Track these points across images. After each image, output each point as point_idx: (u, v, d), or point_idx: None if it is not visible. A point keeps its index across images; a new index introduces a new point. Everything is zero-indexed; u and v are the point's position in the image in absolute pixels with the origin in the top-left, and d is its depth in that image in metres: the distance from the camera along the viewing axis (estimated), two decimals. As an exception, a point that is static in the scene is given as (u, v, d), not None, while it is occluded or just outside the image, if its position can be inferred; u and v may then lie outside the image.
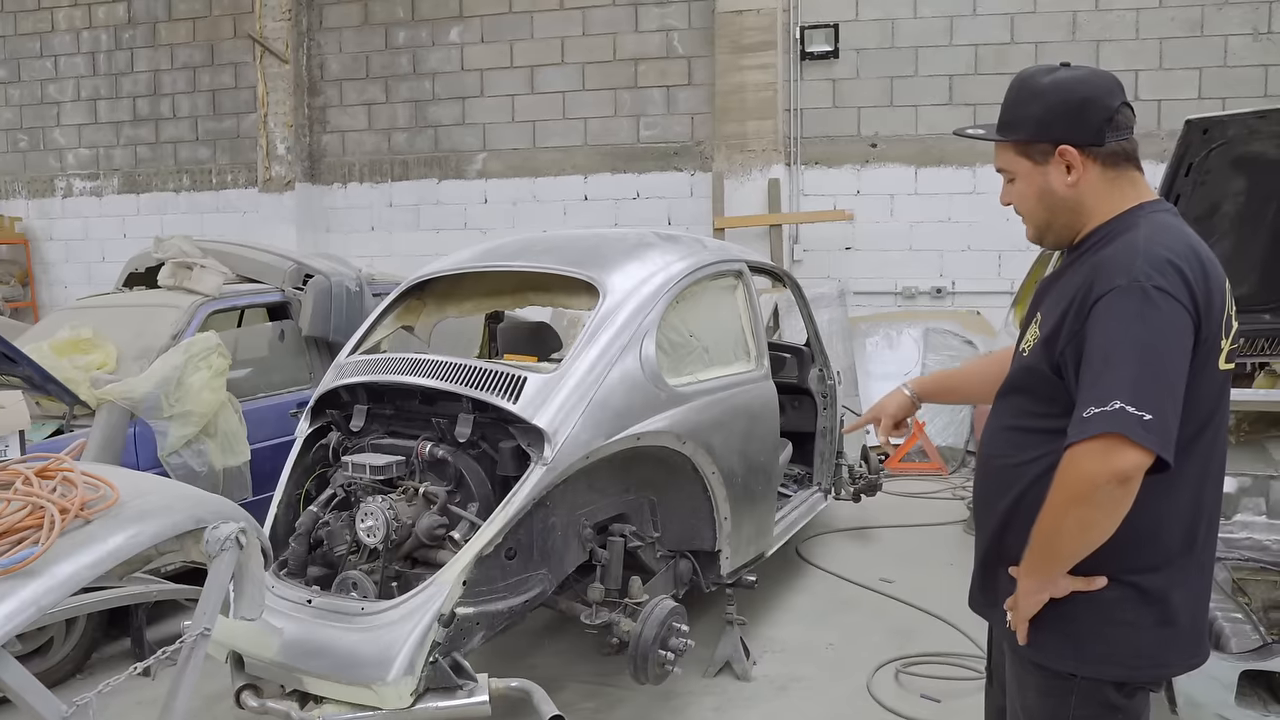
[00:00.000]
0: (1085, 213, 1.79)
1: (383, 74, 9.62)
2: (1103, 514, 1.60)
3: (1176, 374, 1.59)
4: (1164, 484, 1.64)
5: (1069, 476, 1.60)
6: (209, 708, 3.69)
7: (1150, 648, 1.74)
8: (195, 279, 5.18)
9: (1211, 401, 1.70)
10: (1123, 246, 1.68)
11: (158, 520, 2.14)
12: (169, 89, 10.35)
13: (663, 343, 3.57)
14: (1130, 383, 1.55)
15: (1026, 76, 1.83)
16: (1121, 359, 1.58)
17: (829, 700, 3.78)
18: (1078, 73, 1.78)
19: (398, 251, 9.37)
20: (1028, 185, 1.83)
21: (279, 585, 3.16)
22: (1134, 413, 1.53)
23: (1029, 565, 1.74)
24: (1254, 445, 3.49)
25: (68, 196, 10.77)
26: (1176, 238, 1.69)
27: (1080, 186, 1.77)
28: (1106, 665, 1.74)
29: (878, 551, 5.62)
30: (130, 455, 4.36)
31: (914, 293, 8.27)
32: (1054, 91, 1.77)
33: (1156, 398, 1.55)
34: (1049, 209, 1.82)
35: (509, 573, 3.08)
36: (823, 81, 8.42)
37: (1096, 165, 1.76)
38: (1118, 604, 1.72)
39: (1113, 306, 1.61)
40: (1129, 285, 1.60)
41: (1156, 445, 1.54)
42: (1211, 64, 7.82)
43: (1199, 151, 3.03)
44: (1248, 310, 3.50)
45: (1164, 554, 1.72)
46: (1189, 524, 1.73)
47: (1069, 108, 1.75)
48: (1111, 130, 1.74)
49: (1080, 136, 1.75)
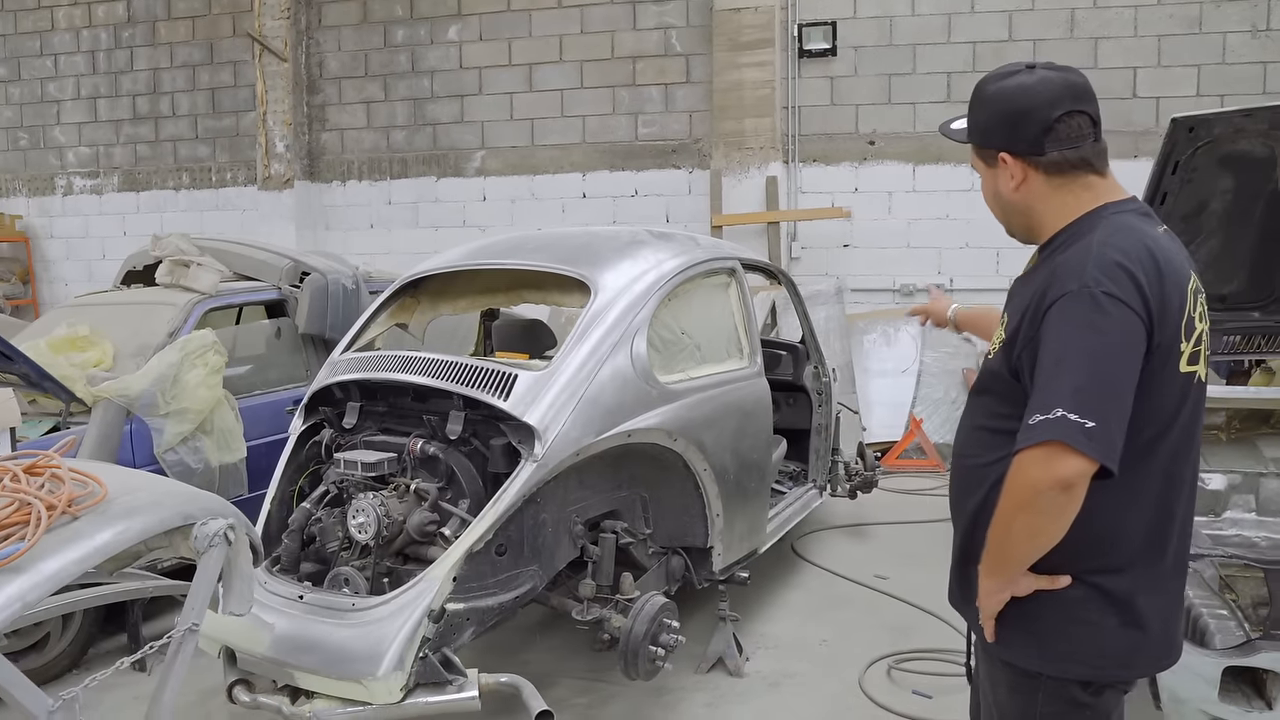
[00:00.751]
0: (1036, 216, 1.82)
1: (381, 72, 9.63)
2: (1048, 520, 1.62)
3: (1123, 381, 1.60)
4: (1123, 487, 1.65)
5: (1014, 484, 1.64)
6: (203, 702, 3.71)
7: (1115, 649, 1.74)
8: (192, 277, 5.20)
9: (1172, 405, 1.69)
10: (1077, 251, 1.69)
11: (145, 517, 2.16)
12: (169, 87, 10.37)
13: (654, 340, 3.58)
14: (1073, 390, 1.57)
15: (982, 81, 1.86)
16: (1067, 366, 1.60)
17: (821, 696, 3.79)
18: (1026, 80, 1.77)
19: (397, 249, 9.38)
20: (986, 186, 1.89)
21: (271, 581, 3.18)
22: (1075, 420, 1.55)
23: (987, 566, 1.77)
24: (1245, 443, 3.49)
25: (68, 194, 10.80)
26: (1132, 239, 1.68)
27: (1024, 192, 1.80)
28: (1070, 664, 1.75)
29: (873, 548, 5.63)
30: (126, 452, 4.38)
31: (912, 290, 8.27)
32: (995, 101, 1.80)
33: (1099, 405, 1.56)
34: (1003, 210, 1.88)
35: (499, 569, 3.09)
36: (821, 79, 8.42)
37: (1039, 174, 1.78)
38: (1081, 604, 1.73)
39: (1062, 313, 1.63)
40: (1078, 291, 1.62)
41: (1097, 453, 1.55)
42: (1210, 61, 7.81)
43: (1185, 150, 3.03)
44: (1237, 308, 3.51)
45: (1126, 556, 1.72)
46: (1154, 527, 1.73)
47: (1005, 118, 1.78)
48: (1052, 141, 1.74)
49: (1017, 146, 1.77)
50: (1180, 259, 1.73)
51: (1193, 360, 1.70)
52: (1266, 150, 3.08)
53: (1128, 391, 1.60)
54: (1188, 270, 1.73)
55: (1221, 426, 3.51)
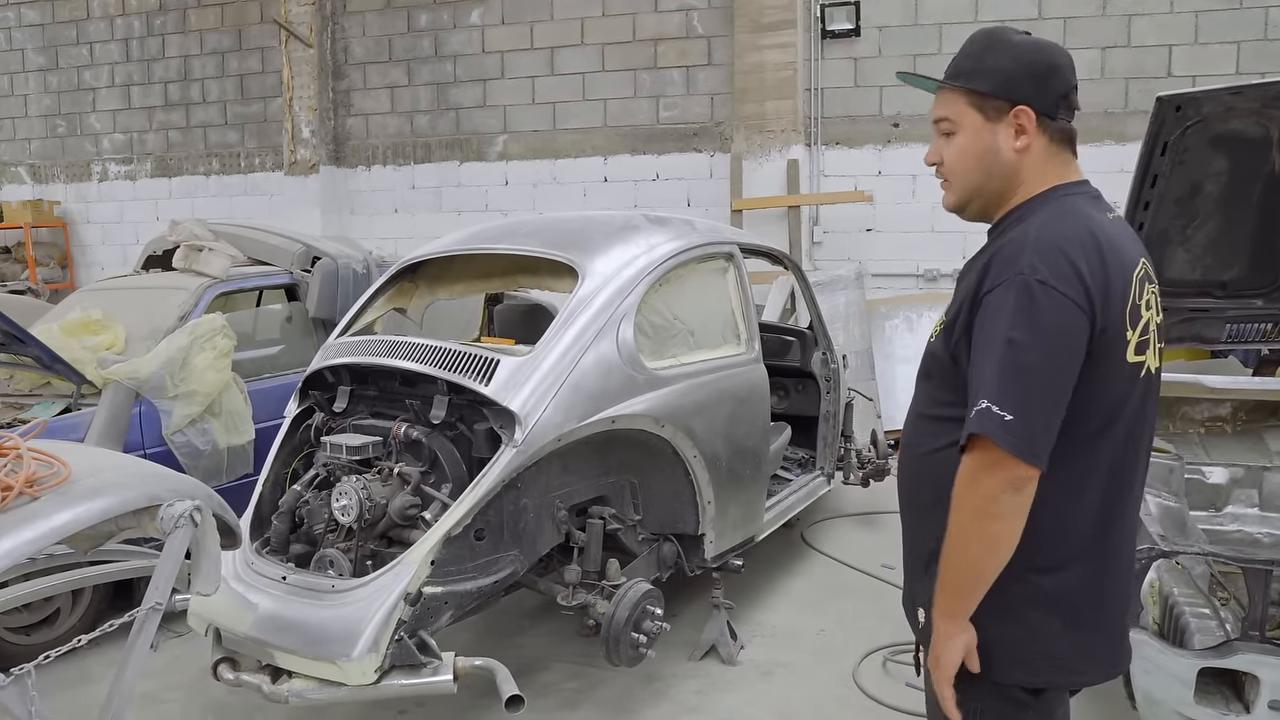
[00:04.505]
0: (1017, 183, 1.73)
1: (405, 57, 9.67)
2: (1002, 524, 1.56)
3: (1051, 372, 1.54)
4: (1067, 480, 1.60)
5: (961, 494, 1.58)
6: (204, 679, 3.78)
7: (1058, 652, 1.68)
8: (203, 261, 5.27)
9: (1119, 395, 1.62)
10: (1018, 235, 1.63)
11: (108, 498, 2.18)
12: (199, 74, 10.53)
13: (643, 325, 3.55)
14: (997, 382, 1.52)
15: (995, 30, 1.77)
16: (992, 357, 1.54)
17: (812, 687, 3.76)
18: (1041, 41, 1.74)
19: (420, 234, 9.43)
20: (973, 142, 1.73)
21: (259, 562, 3.23)
22: (996, 412, 1.50)
23: (946, 602, 1.66)
24: (1251, 435, 3.38)
25: (103, 180, 11.03)
26: (1076, 224, 1.62)
27: (1024, 155, 1.71)
28: (1012, 668, 1.68)
29: (883, 537, 5.55)
30: (135, 434, 4.47)
31: (936, 275, 8.13)
32: (1027, 50, 1.71)
33: (1022, 397, 1.51)
34: (985, 172, 1.74)
35: (478, 553, 3.10)
36: (844, 60, 8.28)
37: (1044, 137, 1.70)
38: (1022, 605, 1.66)
39: (997, 301, 1.57)
40: (1013, 279, 1.56)
41: (1011, 445, 1.50)
42: (1251, 38, 7.53)
43: (1174, 129, 2.91)
44: (1238, 295, 3.39)
45: (1070, 551, 1.66)
46: (1099, 521, 1.67)
47: (1037, 69, 1.69)
48: (1064, 107, 1.71)
49: (1040, 102, 1.69)
50: (1127, 245, 1.66)
51: (1140, 350, 1.63)
52: (1261, 130, 2.95)
53: (1059, 384, 1.54)
54: (1136, 257, 1.66)
55: (1227, 418, 3.40)
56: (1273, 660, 2.23)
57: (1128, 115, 7.58)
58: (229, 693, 3.50)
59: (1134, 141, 6.79)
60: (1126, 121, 7.54)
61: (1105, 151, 7.28)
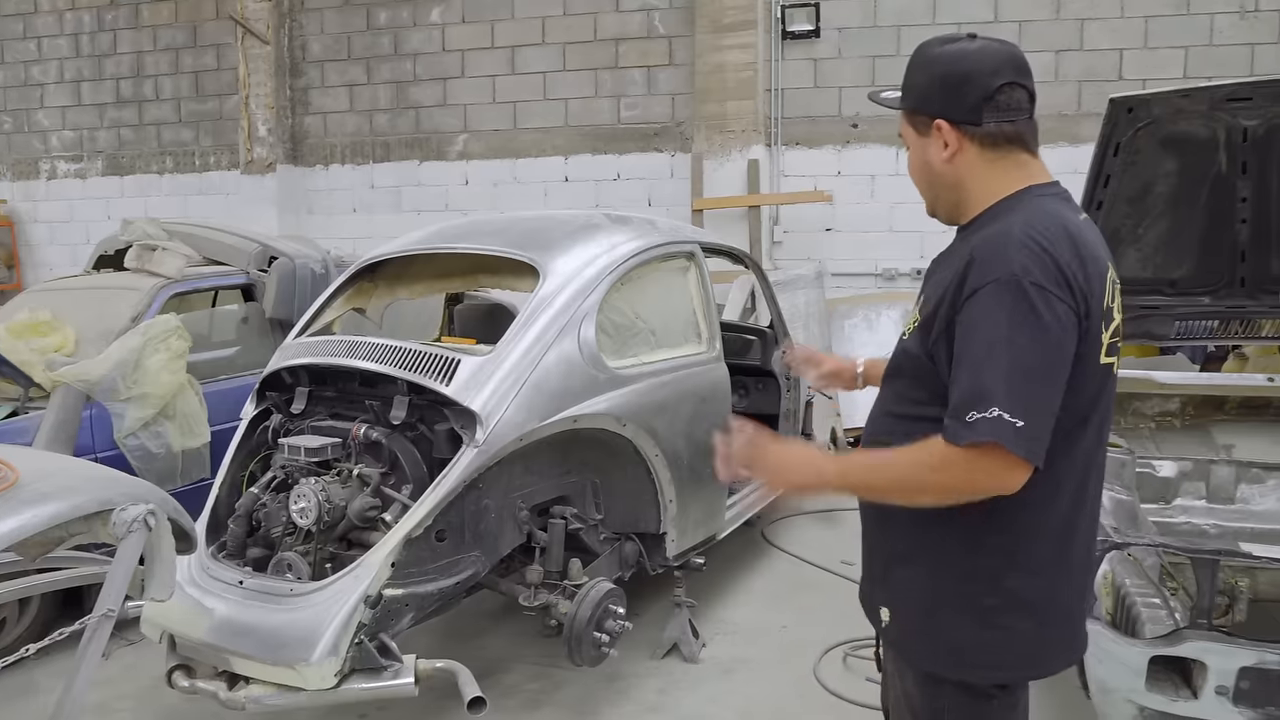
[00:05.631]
0: (965, 191, 1.73)
1: (364, 55, 9.57)
2: (960, 500, 1.58)
3: (1051, 376, 1.54)
4: (1048, 481, 1.61)
5: (951, 476, 1.55)
6: (157, 687, 3.71)
7: (1025, 650, 1.71)
8: (157, 261, 5.17)
9: (1092, 395, 1.64)
10: (998, 234, 1.61)
11: (57, 503, 2.14)
12: (152, 70, 10.32)
13: (605, 325, 3.55)
14: (1005, 387, 1.50)
15: (923, 44, 1.77)
16: (995, 362, 1.52)
17: (774, 682, 3.78)
18: (969, 46, 1.71)
19: (379, 233, 9.32)
20: (914, 156, 1.79)
21: (214, 566, 3.18)
22: (1009, 420, 1.49)
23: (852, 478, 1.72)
24: (1199, 429, 3.46)
25: (52, 179, 10.78)
26: (1055, 225, 1.61)
27: (956, 164, 1.71)
28: (980, 669, 1.71)
29: (842, 534, 5.60)
30: (86, 437, 4.37)
31: (894, 274, 8.22)
32: (939, 63, 1.71)
33: (1029, 402, 1.50)
34: (930, 183, 1.78)
35: (439, 554, 3.08)
36: (804, 61, 8.34)
37: (973, 145, 1.70)
38: (995, 612, 1.67)
39: (989, 302, 1.54)
40: (1007, 280, 1.53)
41: (1026, 451, 1.50)
42: (1198, 43, 7.71)
43: (1125, 131, 2.98)
44: (1187, 293, 3.47)
45: (1043, 553, 1.68)
46: (1067, 520, 1.69)
47: (948, 82, 1.69)
48: (991, 110, 1.67)
49: (955, 113, 1.69)
50: (1100, 248, 1.68)
51: (1110, 351, 1.65)
52: (1208, 131, 3.02)
53: (1057, 387, 1.55)
54: (1106, 260, 1.68)
55: (1176, 413, 3.48)
56: (1219, 647, 2.28)
57: (1081, 117, 7.72)
58: (184, 700, 3.43)
59: (1087, 143, 6.89)
60: (1080, 123, 7.67)
61: (1059, 152, 7.40)
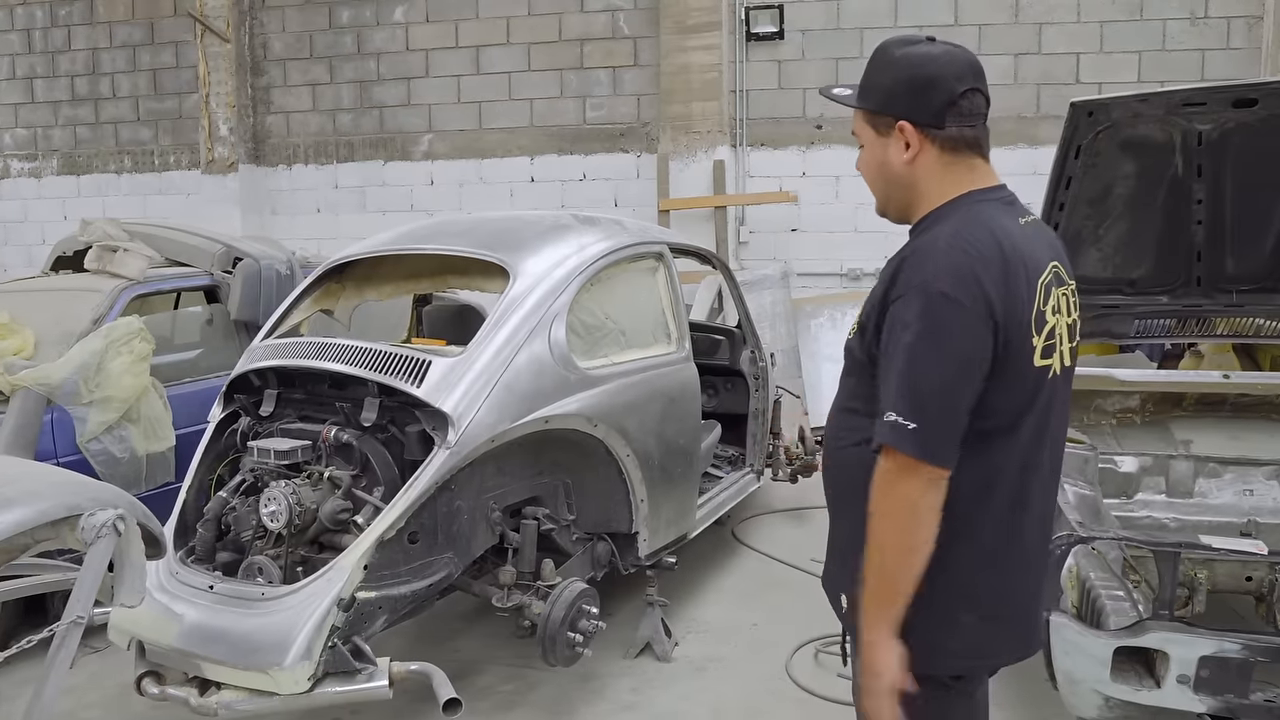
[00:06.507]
0: (919, 192, 1.77)
1: (327, 54, 9.48)
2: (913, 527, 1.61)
3: (949, 380, 1.59)
4: (975, 480, 1.65)
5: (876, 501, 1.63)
6: (124, 694, 3.66)
7: (976, 641, 1.75)
8: (119, 263, 5.09)
9: (1023, 399, 1.68)
10: (927, 243, 1.67)
11: (22, 509, 2.11)
12: (108, 68, 10.13)
13: (575, 325, 3.56)
14: (899, 391, 1.59)
15: (885, 45, 1.80)
16: (894, 368, 1.61)
17: (746, 680, 3.82)
18: (933, 50, 1.74)
19: (344, 234, 9.23)
20: (871, 155, 1.81)
21: (184, 571, 3.15)
22: (901, 422, 1.57)
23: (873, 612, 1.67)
24: (1158, 425, 3.55)
25: (5, 178, 10.54)
26: (982, 232, 1.65)
27: (916, 166, 1.75)
28: (935, 659, 1.74)
29: (812, 532, 5.66)
30: (47, 442, 4.29)
31: (859, 274, 8.31)
32: (903, 65, 1.74)
33: (923, 405, 1.57)
34: (885, 182, 1.81)
35: (412, 557, 3.08)
36: (768, 63, 8.41)
37: (934, 147, 1.73)
38: (943, 605, 1.70)
39: (900, 311, 1.62)
40: (918, 289, 1.60)
41: (917, 451, 1.57)
42: (1151, 48, 7.90)
43: (1086, 134, 3.06)
44: (1145, 293, 3.56)
45: (983, 550, 1.72)
46: (1009, 518, 1.73)
47: (913, 84, 1.72)
48: (953, 115, 1.71)
49: (919, 115, 1.72)
50: (1036, 251, 1.71)
51: (1047, 354, 1.68)
52: (1165, 135, 3.12)
53: (956, 392, 1.60)
54: (1044, 262, 1.71)
55: (1136, 410, 3.56)
56: (1181, 638, 2.36)
57: (1039, 119, 7.87)
58: (153, 708, 3.39)
59: (1045, 145, 7.04)
60: (1038, 125, 7.82)
61: (1018, 154, 7.54)
